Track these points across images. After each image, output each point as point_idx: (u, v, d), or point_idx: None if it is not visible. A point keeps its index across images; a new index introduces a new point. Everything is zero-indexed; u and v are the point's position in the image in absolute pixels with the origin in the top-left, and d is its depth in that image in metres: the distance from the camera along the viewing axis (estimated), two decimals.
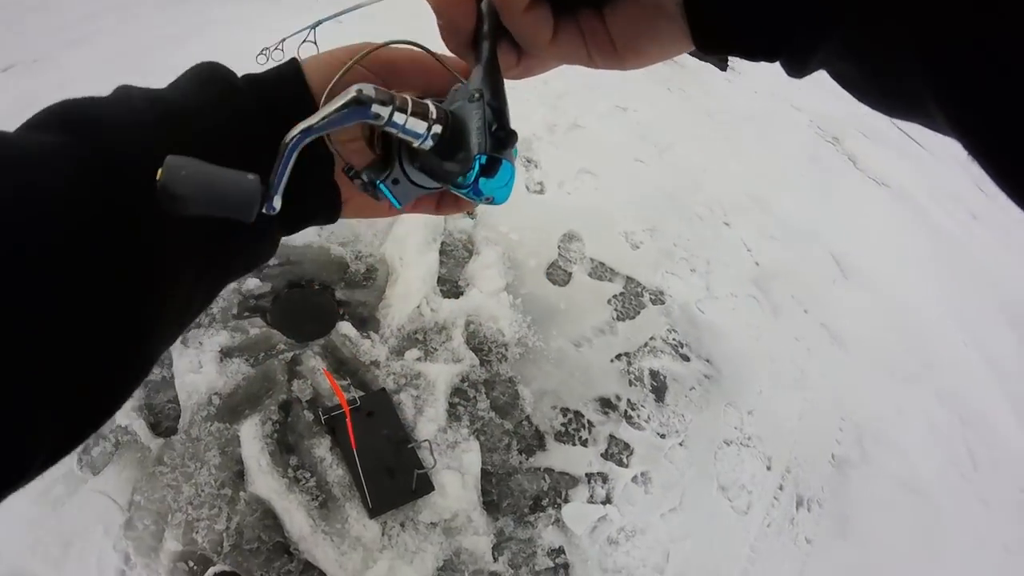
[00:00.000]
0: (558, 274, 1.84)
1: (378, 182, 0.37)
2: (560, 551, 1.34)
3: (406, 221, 1.78)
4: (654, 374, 1.67)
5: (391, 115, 0.33)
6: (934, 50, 0.21)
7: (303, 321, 1.59)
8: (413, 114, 0.34)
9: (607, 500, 1.43)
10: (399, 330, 1.59)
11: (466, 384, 1.53)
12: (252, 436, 1.36)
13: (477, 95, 0.34)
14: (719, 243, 2.08)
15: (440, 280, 1.72)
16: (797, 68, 0.29)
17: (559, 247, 1.90)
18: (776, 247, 2.14)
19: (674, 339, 1.76)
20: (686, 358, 1.73)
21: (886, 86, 0.26)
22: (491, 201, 0.36)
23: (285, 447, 1.37)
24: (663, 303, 1.84)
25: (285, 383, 1.45)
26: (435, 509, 1.32)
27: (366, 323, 1.61)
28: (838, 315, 2.00)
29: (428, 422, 1.43)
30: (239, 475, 1.32)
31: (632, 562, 1.35)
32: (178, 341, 1.50)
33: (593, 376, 1.62)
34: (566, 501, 1.41)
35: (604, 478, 1.46)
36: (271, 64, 0.40)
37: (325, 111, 0.32)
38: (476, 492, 1.37)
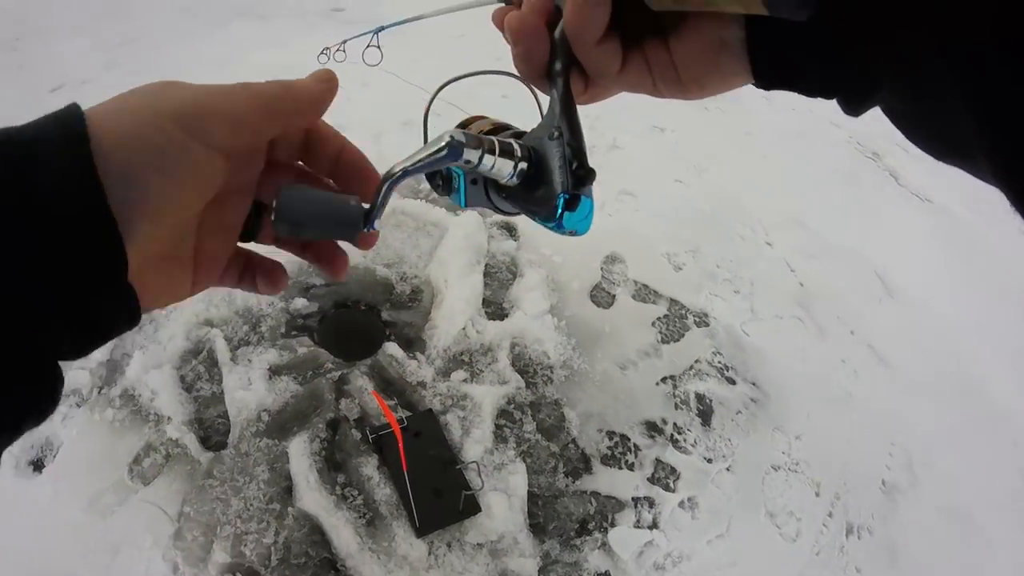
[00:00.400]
0: (602, 296, 1.83)
1: (462, 174, 0.38)
2: (606, 575, 1.34)
3: (449, 243, 1.80)
4: (700, 397, 1.66)
5: (481, 158, 0.34)
6: (985, 108, 0.22)
7: (350, 341, 1.61)
8: (501, 154, 0.35)
9: (654, 525, 1.41)
10: (445, 351, 1.60)
11: (512, 406, 1.53)
12: (300, 453, 1.38)
13: (556, 132, 0.35)
14: (762, 263, 2.06)
15: (485, 302, 1.73)
16: (853, 107, 0.30)
17: (602, 269, 1.90)
18: (819, 266, 2.11)
19: (719, 362, 1.74)
20: (732, 381, 1.71)
21: (935, 130, 0.27)
22: (574, 234, 0.36)
23: (333, 465, 1.39)
24: (708, 325, 1.82)
25: (333, 402, 1.47)
26: (482, 530, 1.32)
27: (412, 344, 1.62)
28: (884, 335, 1.95)
29: (475, 443, 1.43)
30: (287, 491, 1.34)
31: None
32: (228, 358, 1.53)
33: (638, 399, 1.61)
34: (612, 525, 1.40)
35: (651, 502, 1.45)
36: (332, 64, 0.39)
37: (421, 155, 0.34)
38: (523, 514, 1.37)
